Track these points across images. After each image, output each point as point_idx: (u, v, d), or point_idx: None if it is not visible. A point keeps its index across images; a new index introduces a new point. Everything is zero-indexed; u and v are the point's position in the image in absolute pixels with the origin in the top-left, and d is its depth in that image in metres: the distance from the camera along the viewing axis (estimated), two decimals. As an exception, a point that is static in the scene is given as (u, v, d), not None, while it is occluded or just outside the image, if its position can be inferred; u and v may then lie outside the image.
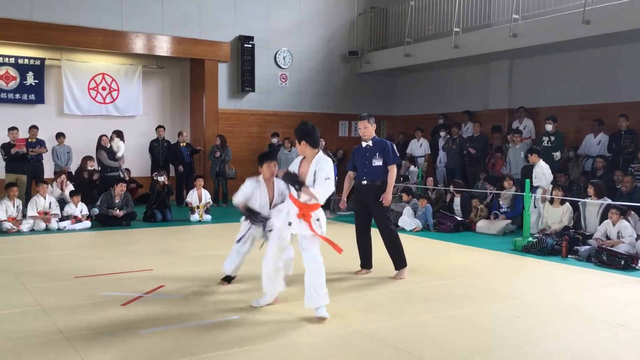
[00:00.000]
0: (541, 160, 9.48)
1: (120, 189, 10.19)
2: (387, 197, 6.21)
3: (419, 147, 13.79)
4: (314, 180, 4.71)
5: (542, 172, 9.35)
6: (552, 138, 10.70)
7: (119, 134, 12.61)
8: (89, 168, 11.40)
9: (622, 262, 6.91)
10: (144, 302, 5.25)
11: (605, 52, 11.35)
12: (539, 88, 12.64)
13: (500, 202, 10.01)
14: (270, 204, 5.58)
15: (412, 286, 5.97)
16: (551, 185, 9.31)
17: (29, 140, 11.28)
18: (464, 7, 12.72)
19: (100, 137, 12.24)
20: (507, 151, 11.73)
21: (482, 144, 12.42)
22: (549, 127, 10.70)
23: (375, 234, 6.42)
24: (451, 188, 10.61)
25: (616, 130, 10.50)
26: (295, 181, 4.70)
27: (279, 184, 5.54)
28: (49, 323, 4.60)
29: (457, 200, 10.53)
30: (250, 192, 5.59)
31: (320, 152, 4.91)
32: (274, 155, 5.41)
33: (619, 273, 6.72)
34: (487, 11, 12.43)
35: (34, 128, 11.45)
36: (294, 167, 4.93)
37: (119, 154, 12.30)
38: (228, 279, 5.92)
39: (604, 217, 8.14)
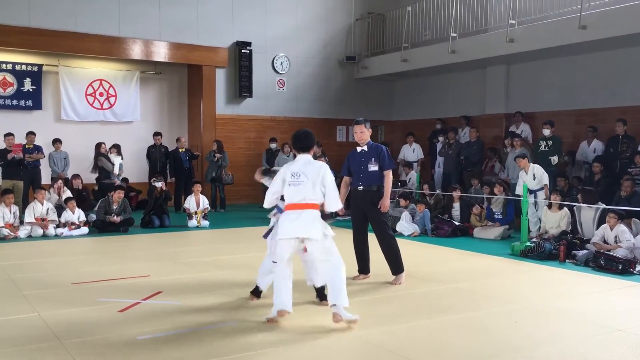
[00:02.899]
0: (531, 163, 9.56)
1: (118, 195, 10.17)
2: (385, 203, 6.21)
3: (411, 152, 13.80)
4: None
5: (541, 171, 9.42)
6: (550, 142, 10.71)
7: (117, 149, 12.40)
8: (75, 187, 11.31)
9: (620, 267, 6.90)
10: (142, 309, 5.23)
11: (602, 57, 11.38)
12: (535, 93, 12.67)
13: (492, 208, 10.01)
14: None
15: (410, 291, 5.96)
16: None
17: (26, 146, 11.28)
18: (460, 13, 12.77)
19: (99, 144, 12.27)
20: (506, 156, 11.71)
21: (479, 149, 12.43)
22: (547, 131, 10.72)
23: (372, 239, 6.42)
24: (454, 194, 10.59)
25: (613, 135, 10.52)
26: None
27: None
28: (46, 330, 4.59)
29: (457, 205, 10.53)
30: None
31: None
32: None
33: (617, 277, 6.72)
34: (483, 16, 12.48)
35: (31, 134, 11.46)
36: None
37: (115, 170, 12.18)
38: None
39: (600, 222, 8.14)
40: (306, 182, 4.76)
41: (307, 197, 4.76)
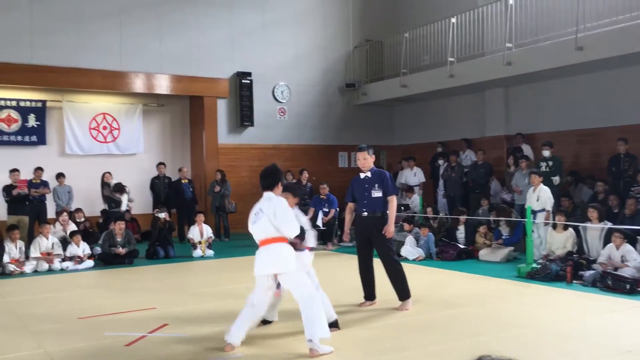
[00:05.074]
0: (542, 184, 9.53)
1: (119, 227, 10.19)
2: (390, 229, 6.20)
3: (412, 176, 13.82)
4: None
5: (548, 196, 9.37)
6: (550, 163, 10.74)
7: (119, 189, 12.12)
8: (77, 220, 11.39)
9: (628, 287, 6.86)
10: (148, 342, 5.21)
11: (599, 77, 11.47)
12: (535, 114, 12.74)
13: (501, 230, 10.00)
14: None
15: (417, 317, 5.93)
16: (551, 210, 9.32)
17: (33, 181, 11.35)
18: (457, 38, 12.91)
19: (104, 174, 12.39)
20: (513, 176, 11.67)
21: (487, 171, 12.43)
22: (547, 152, 10.76)
23: (378, 265, 6.41)
24: (461, 218, 10.56)
25: (615, 153, 10.55)
26: None
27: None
28: (53, 366, 4.57)
29: (461, 228, 10.51)
30: None
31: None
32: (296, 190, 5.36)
33: (625, 297, 6.68)
34: (480, 40, 12.61)
35: (39, 170, 11.55)
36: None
37: (123, 207, 12.09)
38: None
39: (607, 240, 8.11)
40: (263, 218, 4.85)
41: (267, 232, 4.85)
